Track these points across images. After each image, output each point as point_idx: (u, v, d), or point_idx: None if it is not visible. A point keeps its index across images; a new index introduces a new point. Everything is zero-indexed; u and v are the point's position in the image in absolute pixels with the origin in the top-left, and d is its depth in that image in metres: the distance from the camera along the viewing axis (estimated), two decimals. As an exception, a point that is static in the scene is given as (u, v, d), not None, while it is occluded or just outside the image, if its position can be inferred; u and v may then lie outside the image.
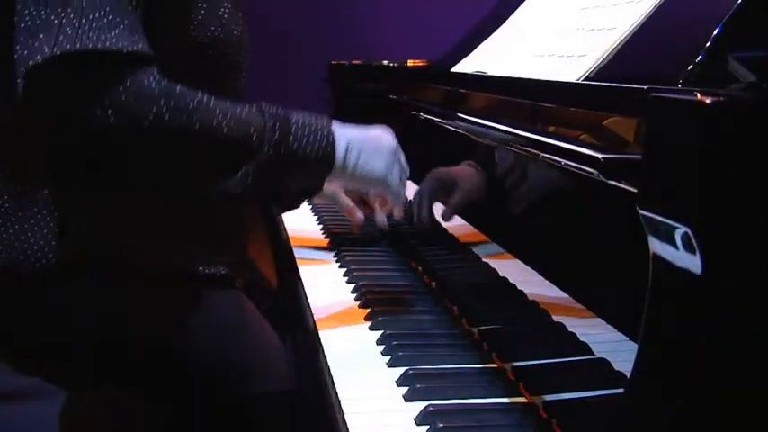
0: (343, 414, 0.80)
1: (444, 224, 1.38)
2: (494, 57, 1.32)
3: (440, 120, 1.27)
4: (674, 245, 0.56)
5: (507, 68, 1.22)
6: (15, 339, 1.03)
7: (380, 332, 1.00)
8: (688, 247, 0.55)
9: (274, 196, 1.06)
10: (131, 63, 0.89)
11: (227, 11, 1.03)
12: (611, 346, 0.92)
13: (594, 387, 0.82)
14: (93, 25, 0.86)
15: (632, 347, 0.63)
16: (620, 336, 0.94)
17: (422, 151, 1.77)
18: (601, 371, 0.87)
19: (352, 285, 1.21)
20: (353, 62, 2.24)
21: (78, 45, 0.85)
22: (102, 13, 0.87)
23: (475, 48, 1.39)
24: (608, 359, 0.88)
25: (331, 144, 1.01)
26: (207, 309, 1.11)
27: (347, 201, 1.30)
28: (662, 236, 0.58)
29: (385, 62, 2.09)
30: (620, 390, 0.65)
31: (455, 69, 1.39)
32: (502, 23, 1.38)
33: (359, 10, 2.89)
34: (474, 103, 1.24)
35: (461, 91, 1.31)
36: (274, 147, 0.96)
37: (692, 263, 0.54)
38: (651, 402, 0.61)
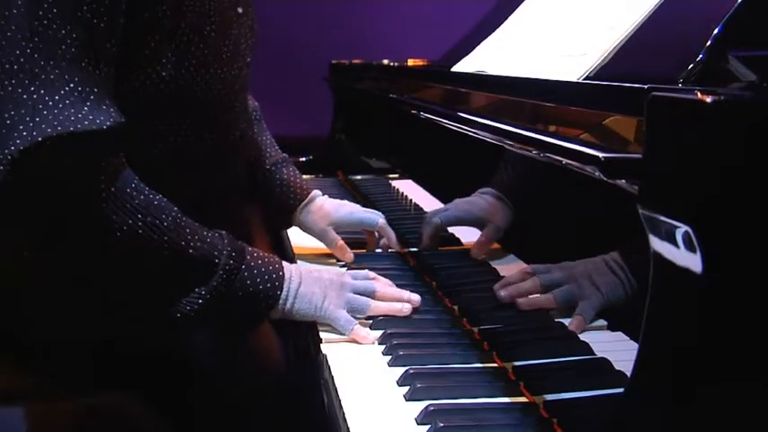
0: (343, 414, 0.80)
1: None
2: (494, 56, 1.31)
3: (440, 119, 1.27)
4: (675, 244, 0.56)
5: (508, 68, 1.22)
6: (15, 340, 1.03)
7: (381, 332, 1.00)
8: (689, 245, 0.55)
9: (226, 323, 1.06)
10: (116, 163, 0.90)
11: (213, 31, 1.02)
12: (612, 345, 0.92)
13: (595, 387, 0.82)
14: (67, 102, 0.85)
15: (633, 347, 0.63)
16: (621, 335, 0.94)
17: (422, 150, 1.78)
18: (601, 370, 0.87)
19: (353, 285, 1.21)
20: (354, 61, 2.24)
21: (60, 128, 0.84)
22: (72, 86, 0.86)
23: (475, 47, 1.39)
24: (608, 359, 0.88)
25: (280, 278, 1.01)
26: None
27: (337, 238, 1.30)
28: (663, 235, 0.58)
29: (385, 61, 2.09)
30: (621, 389, 0.65)
31: (455, 69, 1.39)
32: (502, 23, 1.38)
33: (359, 9, 2.89)
34: (474, 103, 1.24)
35: (462, 90, 1.31)
36: (227, 273, 0.96)
37: (693, 262, 0.54)
38: (652, 402, 0.61)
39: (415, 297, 1.07)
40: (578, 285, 1.00)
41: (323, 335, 1.01)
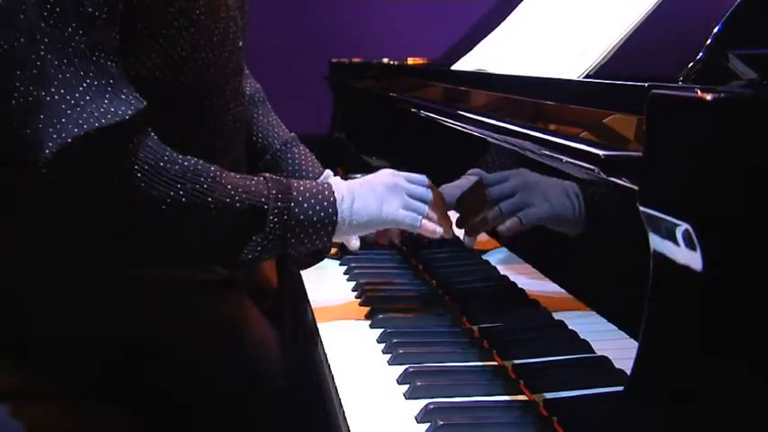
0: (343, 412, 0.80)
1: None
2: (494, 54, 1.31)
3: (440, 117, 1.26)
4: (676, 242, 0.56)
5: (508, 66, 1.22)
6: (15, 340, 1.03)
7: (381, 330, 1.00)
8: (689, 243, 0.55)
9: (289, 259, 1.07)
10: (144, 140, 0.91)
11: (202, 14, 1.01)
12: (612, 344, 0.92)
13: (595, 385, 0.82)
14: (87, 98, 0.87)
15: (633, 345, 0.63)
16: (621, 334, 0.94)
17: (422, 149, 1.77)
18: (601, 369, 0.87)
19: (353, 283, 1.22)
20: (354, 60, 2.24)
21: (86, 127, 0.86)
22: (88, 81, 0.87)
23: (475, 46, 1.39)
24: (608, 357, 0.88)
25: (332, 203, 1.01)
26: (207, 309, 1.11)
27: None
28: (663, 233, 0.58)
29: (385, 60, 2.08)
30: (621, 388, 0.65)
31: (455, 67, 1.39)
32: (502, 21, 1.38)
33: (359, 8, 2.89)
34: (474, 101, 1.24)
35: (462, 89, 1.31)
36: (278, 215, 0.97)
37: (693, 260, 0.54)
38: (651, 400, 0.61)
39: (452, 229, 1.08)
40: (528, 195, 1.00)
41: (323, 334, 1.02)
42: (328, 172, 1.34)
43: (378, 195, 1.03)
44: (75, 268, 1.00)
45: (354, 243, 1.28)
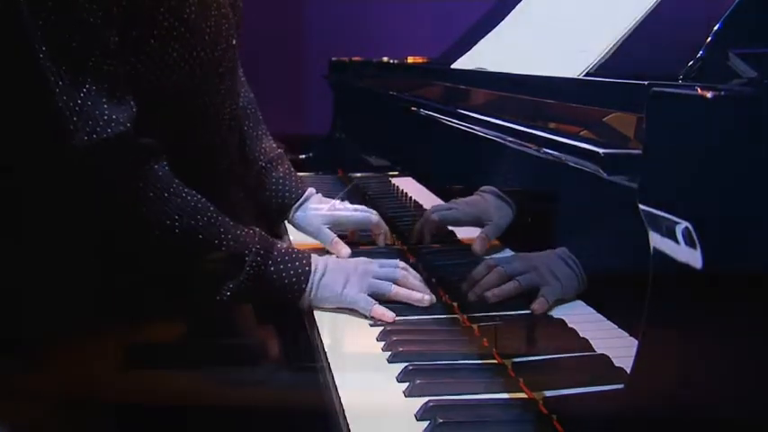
0: (343, 410, 0.80)
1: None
2: (494, 53, 1.31)
3: (440, 116, 1.26)
4: (675, 240, 0.56)
5: (507, 64, 1.22)
6: (17, 341, 1.03)
7: (381, 328, 1.00)
8: (689, 241, 0.55)
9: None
10: (156, 168, 0.96)
11: (192, 13, 1.02)
12: (612, 342, 0.92)
13: (594, 383, 0.82)
14: (89, 103, 0.89)
15: (632, 343, 0.63)
16: (621, 332, 0.94)
17: (423, 148, 1.77)
18: (601, 367, 0.87)
19: (353, 282, 1.21)
20: (354, 59, 2.24)
21: (95, 136, 0.89)
22: (87, 87, 0.89)
23: (475, 44, 1.39)
24: (608, 355, 0.88)
25: (306, 272, 1.05)
26: (207, 310, 1.11)
27: (332, 235, 1.31)
28: (663, 231, 0.58)
29: (385, 59, 2.08)
30: (620, 386, 0.65)
31: (455, 66, 1.39)
32: (502, 20, 1.38)
33: (359, 8, 2.89)
34: (474, 100, 1.24)
35: (462, 87, 1.31)
36: (254, 268, 1.02)
37: (693, 258, 0.54)
38: (651, 399, 0.61)
39: (431, 296, 1.09)
40: (539, 273, 1.03)
41: (323, 332, 1.02)
42: (311, 190, 1.35)
43: (345, 276, 1.07)
44: (74, 267, 1.01)
45: (345, 250, 1.28)
